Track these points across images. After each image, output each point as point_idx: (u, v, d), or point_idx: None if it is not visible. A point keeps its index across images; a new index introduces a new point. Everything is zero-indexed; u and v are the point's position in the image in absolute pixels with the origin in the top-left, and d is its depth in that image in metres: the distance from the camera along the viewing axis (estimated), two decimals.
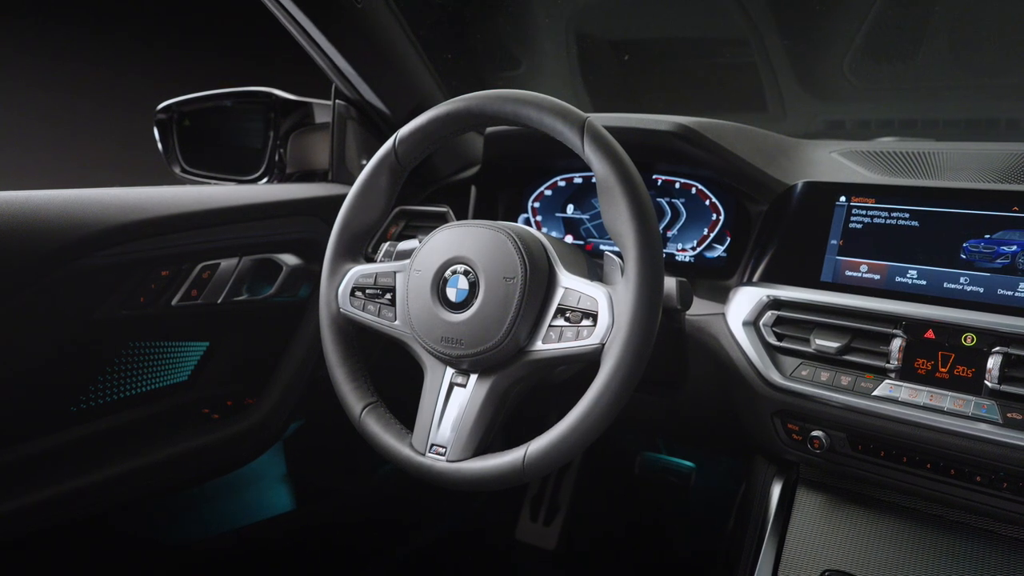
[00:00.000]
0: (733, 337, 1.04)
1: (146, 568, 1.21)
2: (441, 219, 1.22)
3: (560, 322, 0.86)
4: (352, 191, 1.02)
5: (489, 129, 1.31)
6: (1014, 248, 0.90)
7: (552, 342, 0.86)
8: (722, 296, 1.10)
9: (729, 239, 1.17)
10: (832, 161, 1.18)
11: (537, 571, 1.79)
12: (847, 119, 1.41)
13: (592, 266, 0.97)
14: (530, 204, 1.35)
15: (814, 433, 0.97)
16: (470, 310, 0.89)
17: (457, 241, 0.93)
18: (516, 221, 1.37)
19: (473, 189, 1.39)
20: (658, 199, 1.23)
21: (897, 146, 1.20)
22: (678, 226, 1.21)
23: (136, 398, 1.14)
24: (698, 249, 1.19)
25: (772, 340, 1.01)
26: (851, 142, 1.25)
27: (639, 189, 0.84)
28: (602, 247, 1.27)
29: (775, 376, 0.99)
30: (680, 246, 1.21)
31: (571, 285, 0.87)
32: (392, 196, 1.03)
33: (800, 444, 0.99)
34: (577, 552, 1.80)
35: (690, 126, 1.09)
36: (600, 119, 1.13)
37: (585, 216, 1.30)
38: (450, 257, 0.92)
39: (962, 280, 0.92)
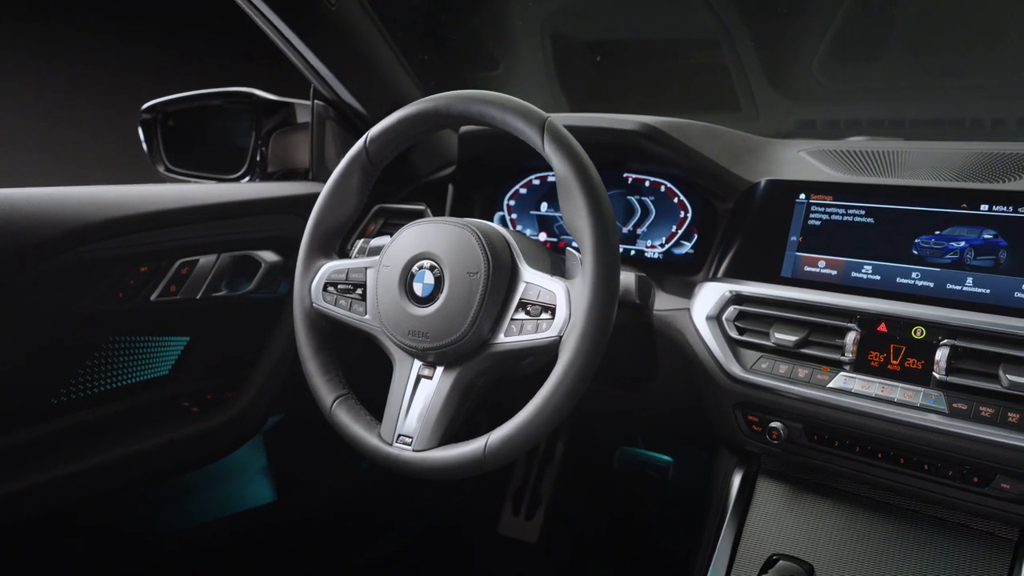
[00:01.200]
0: (697, 331, 1.07)
1: (126, 557, 1.24)
2: (419, 217, 1.25)
3: (521, 315, 0.89)
4: (325, 189, 1.05)
5: (462, 129, 1.34)
6: (962, 244, 0.92)
7: (513, 335, 0.89)
8: (689, 292, 1.12)
9: (696, 236, 1.20)
10: (798, 160, 1.21)
11: (519, 564, 1.82)
12: (818, 119, 1.43)
13: (556, 261, 1.00)
14: (506, 202, 1.38)
15: (772, 424, 1.00)
16: (435, 304, 0.92)
17: (424, 237, 0.96)
18: (492, 219, 1.39)
19: (450, 188, 1.42)
20: (628, 197, 1.26)
21: (864, 145, 1.23)
22: (648, 223, 1.24)
23: (117, 391, 1.16)
24: (667, 246, 1.22)
25: (734, 334, 1.04)
26: (821, 141, 1.28)
27: (597, 187, 0.86)
28: (574, 244, 1.30)
29: (736, 369, 1.02)
30: (649, 243, 1.24)
31: (532, 280, 0.90)
32: (364, 194, 1.05)
33: (760, 435, 1.02)
34: (558, 545, 1.82)
35: (655, 126, 1.12)
36: (565, 119, 1.17)
37: (559, 214, 1.32)
38: (417, 253, 0.95)
39: (914, 275, 0.95)
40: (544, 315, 0.87)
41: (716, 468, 1.13)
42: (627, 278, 0.96)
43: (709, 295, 1.07)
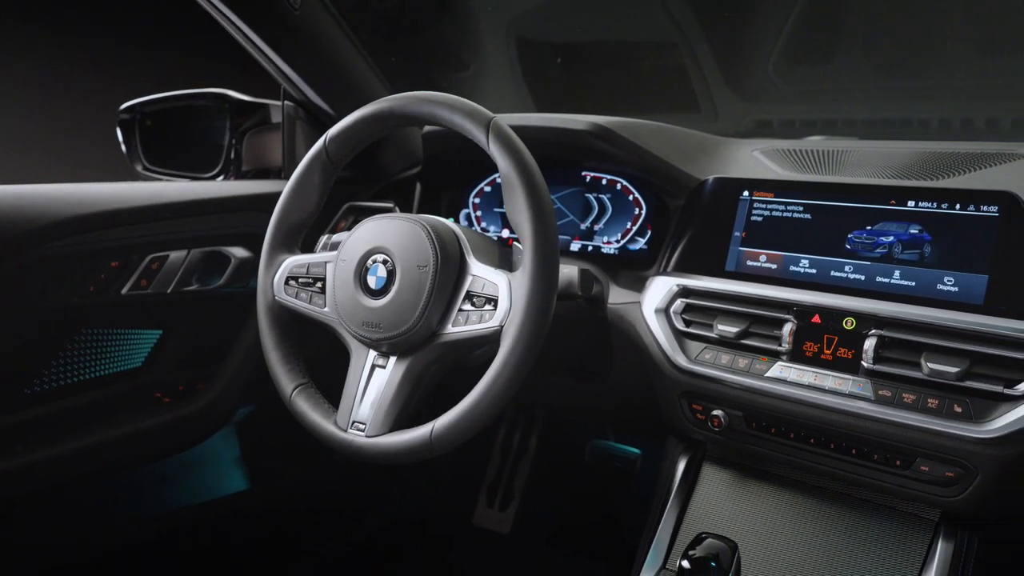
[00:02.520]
0: (647, 324, 1.11)
1: (98, 543, 1.28)
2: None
3: (468, 307, 0.93)
4: (287, 187, 1.09)
5: (425, 129, 1.38)
6: (891, 239, 0.96)
7: (460, 325, 0.93)
8: (642, 286, 1.16)
9: (650, 232, 1.24)
10: (751, 158, 1.25)
11: (492, 555, 1.86)
12: (774, 119, 1.48)
13: (504, 255, 1.04)
14: (471, 200, 1.42)
15: (714, 412, 1.04)
16: (388, 296, 0.96)
17: (378, 232, 1.00)
18: (458, 216, 1.43)
19: (418, 186, 1.46)
20: (586, 195, 1.30)
21: (819, 144, 1.27)
22: (604, 220, 1.28)
23: (90, 382, 1.20)
24: (622, 241, 1.26)
25: (680, 326, 1.08)
26: (779, 140, 1.32)
27: (537, 184, 0.90)
28: None
29: (681, 359, 1.06)
30: (606, 239, 1.28)
31: (479, 272, 0.94)
32: (325, 191, 1.10)
33: (703, 423, 1.06)
34: (530, 536, 1.87)
35: (605, 125, 1.16)
36: (516, 119, 1.21)
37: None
38: (371, 247, 0.99)
39: (846, 268, 0.99)
40: (487, 306, 0.91)
41: (665, 456, 1.17)
42: (571, 271, 1.00)
43: (658, 289, 1.11)
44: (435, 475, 1.95)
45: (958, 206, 0.92)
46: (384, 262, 0.98)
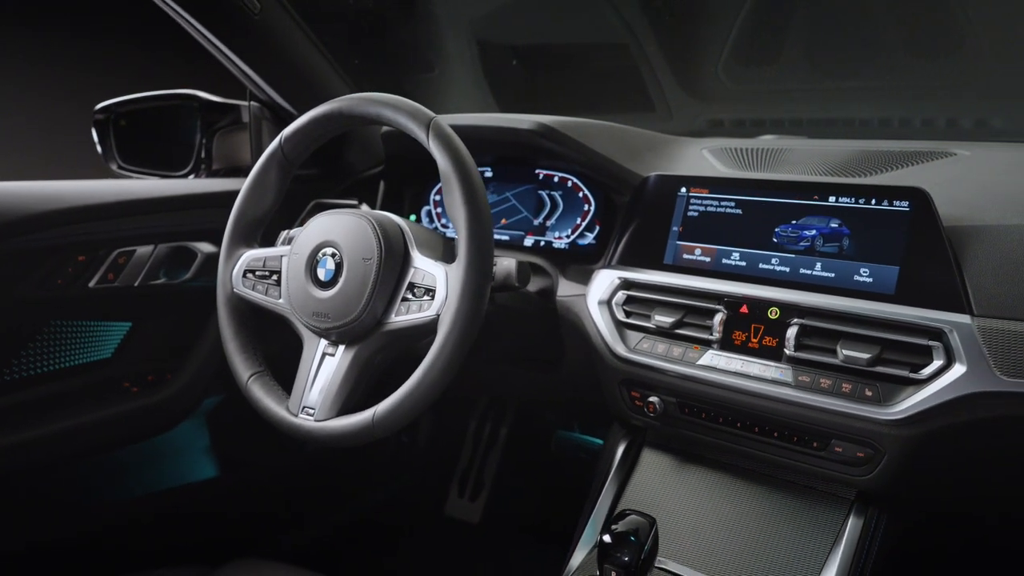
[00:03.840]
0: (590, 315, 1.16)
1: (68, 525, 1.33)
2: None
3: (410, 297, 0.98)
4: (245, 184, 1.14)
5: (383, 129, 1.43)
6: (813, 232, 1.01)
7: (402, 315, 0.98)
8: (589, 279, 1.21)
9: (598, 227, 1.29)
10: (698, 157, 1.30)
11: (462, 544, 1.91)
12: (725, 119, 1.52)
13: (448, 248, 1.09)
14: (431, 197, 1.47)
15: (650, 399, 1.09)
16: (336, 288, 1.01)
17: (328, 227, 1.05)
18: (420, 213, 1.48)
19: (381, 184, 1.51)
20: (539, 192, 1.35)
21: (768, 143, 1.33)
22: (556, 216, 1.33)
23: (60, 372, 1.25)
24: (572, 237, 1.31)
25: (621, 317, 1.13)
26: (731, 139, 1.37)
27: (473, 181, 0.95)
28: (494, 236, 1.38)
29: (620, 349, 1.11)
30: (557, 234, 1.33)
31: (420, 265, 0.99)
32: (282, 188, 1.14)
33: (640, 409, 1.11)
34: (499, 525, 1.92)
35: (550, 125, 1.20)
36: (467, 119, 1.26)
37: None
38: (321, 241, 1.04)
39: (773, 261, 1.04)
40: (426, 296, 0.96)
41: (608, 441, 1.22)
42: (509, 263, 1.05)
43: (602, 281, 1.16)
44: (407, 466, 2.00)
45: (873, 201, 0.97)
46: (333, 255, 1.02)
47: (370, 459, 1.92)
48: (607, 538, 0.85)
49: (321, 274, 1.03)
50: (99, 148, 1.64)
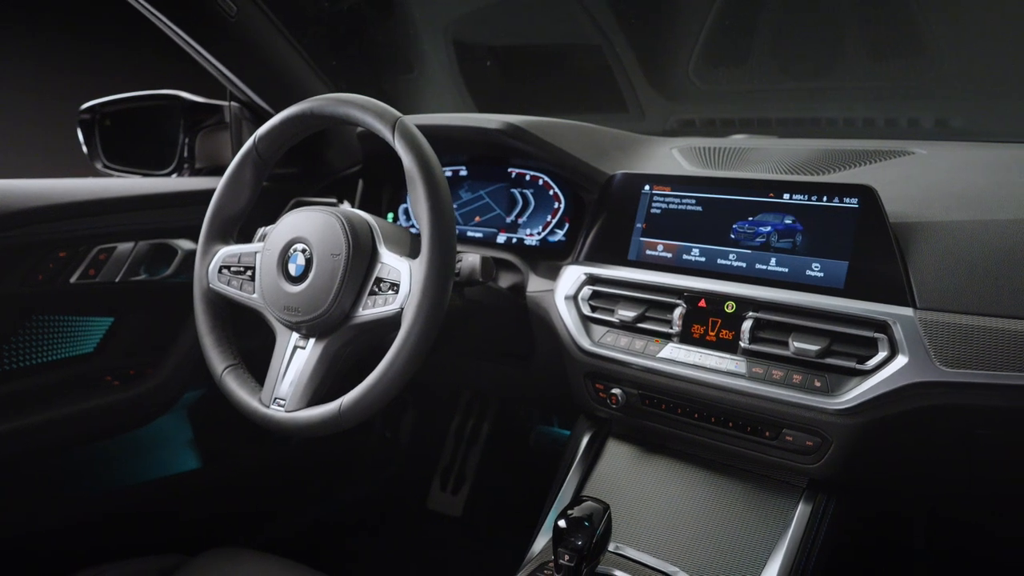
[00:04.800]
0: (558, 309, 1.19)
1: (42, 516, 1.35)
2: None
3: (376, 291, 1.01)
4: (221, 183, 1.17)
5: (359, 128, 1.45)
6: (768, 229, 1.04)
7: (369, 308, 1.01)
8: (557, 275, 1.24)
9: (568, 224, 1.32)
10: (666, 156, 1.33)
11: (443, 537, 1.94)
12: (696, 118, 1.56)
13: (415, 244, 1.12)
14: (408, 195, 1.50)
15: (613, 391, 1.12)
16: (306, 282, 1.04)
17: (299, 223, 1.08)
18: (397, 211, 1.51)
19: (360, 183, 1.54)
20: (512, 190, 1.38)
21: (736, 143, 1.36)
22: (527, 213, 1.36)
23: (42, 366, 1.28)
24: (543, 233, 1.34)
25: (587, 311, 1.16)
26: (702, 139, 1.41)
27: (436, 179, 0.98)
28: (467, 233, 1.42)
29: (585, 342, 1.14)
30: (528, 231, 1.36)
31: (387, 260, 1.02)
32: (257, 186, 1.17)
33: (604, 401, 1.14)
34: (480, 519, 1.95)
35: (518, 124, 1.24)
36: (437, 119, 1.29)
37: (453, 205, 1.44)
38: (292, 237, 1.07)
39: (731, 256, 1.07)
40: (391, 291, 0.99)
41: (574, 432, 1.25)
42: (473, 259, 1.08)
43: (569, 277, 1.19)
44: (389, 461, 2.03)
45: (825, 199, 1.00)
46: (303, 251, 1.06)
47: (352, 454, 1.95)
48: (562, 523, 0.88)
49: (292, 269, 1.06)
50: (84, 148, 1.67)
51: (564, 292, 1.19)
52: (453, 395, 2.09)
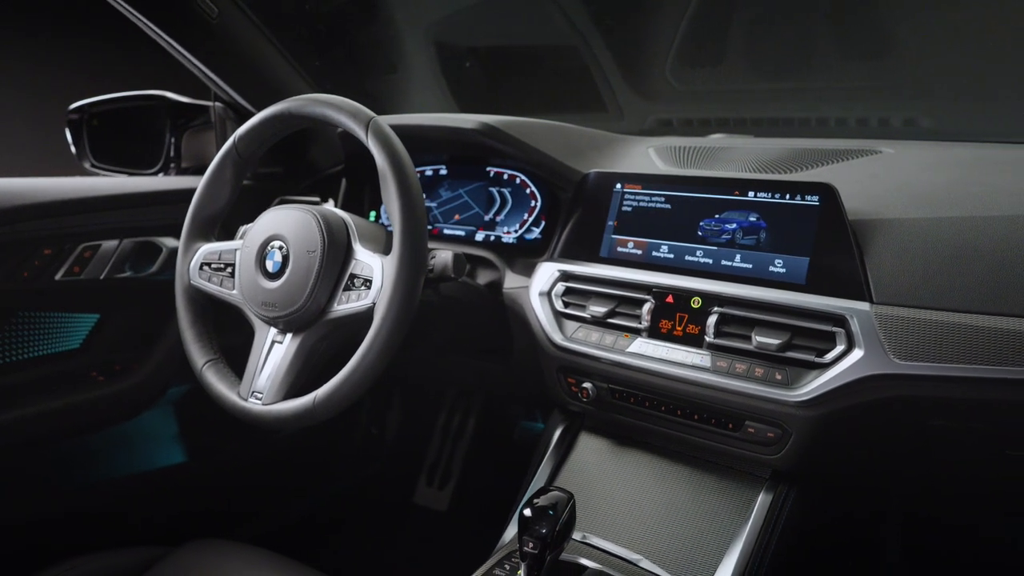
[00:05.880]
0: (532, 305, 1.21)
1: (22, 509, 1.37)
2: None
3: (350, 287, 1.04)
4: (201, 182, 1.19)
5: (339, 128, 1.48)
6: (734, 226, 1.07)
7: (343, 304, 1.04)
8: (533, 271, 1.26)
9: (544, 222, 1.35)
10: (642, 155, 1.36)
11: (430, 531, 1.96)
12: (674, 118, 1.58)
13: (390, 241, 1.14)
14: None
15: (584, 384, 1.15)
16: (282, 279, 1.07)
17: (277, 221, 1.11)
18: (379, 209, 1.54)
19: (343, 181, 1.56)
20: (490, 188, 1.41)
21: (713, 142, 1.39)
22: (505, 212, 1.39)
23: (27, 361, 1.31)
24: (519, 231, 1.37)
25: (560, 307, 1.18)
26: (681, 138, 1.43)
27: (408, 177, 1.01)
28: (446, 231, 1.44)
29: (558, 337, 1.16)
30: (506, 229, 1.38)
31: (360, 256, 1.05)
32: (237, 185, 1.20)
33: (576, 395, 1.17)
34: (466, 513, 1.97)
35: (492, 124, 1.26)
36: (413, 119, 1.31)
37: (433, 204, 1.47)
38: (270, 235, 1.10)
39: (698, 253, 1.09)
40: (364, 287, 1.02)
41: (547, 426, 1.28)
42: (446, 256, 1.10)
43: (543, 274, 1.22)
44: (376, 457, 2.05)
45: (787, 196, 1.02)
46: (280, 248, 1.08)
47: (338, 450, 1.98)
48: (527, 512, 0.90)
49: (269, 266, 1.09)
50: (73, 148, 1.69)
51: (539, 288, 1.21)
52: (439, 392, 2.11)
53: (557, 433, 1.22)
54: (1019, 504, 1.25)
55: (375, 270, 1.01)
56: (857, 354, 0.91)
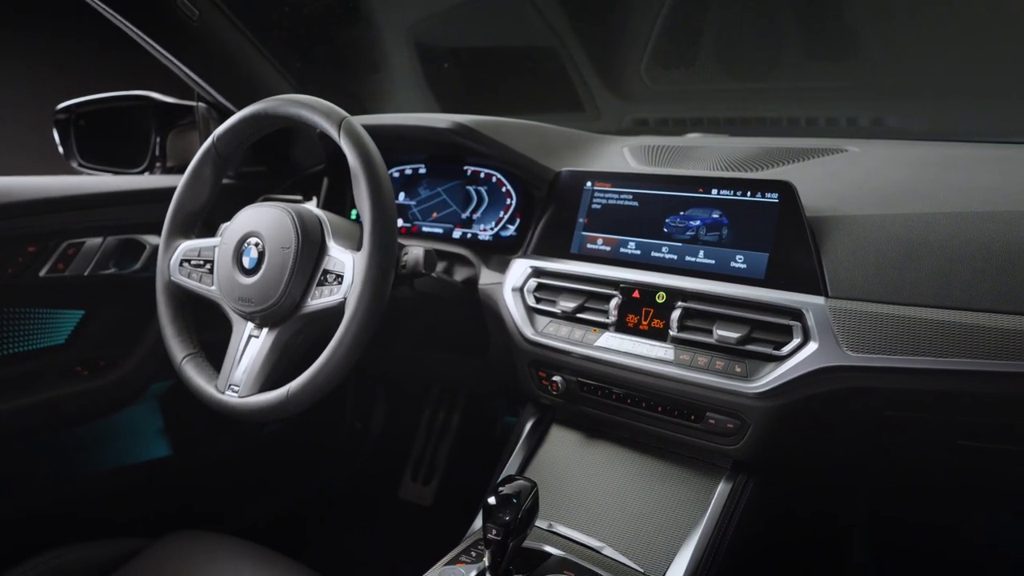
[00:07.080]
0: (505, 301, 1.24)
1: (11, 500, 1.40)
2: None
3: (324, 282, 1.07)
4: (182, 180, 1.22)
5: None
6: (697, 222, 1.10)
7: (317, 299, 1.07)
8: (507, 268, 1.29)
9: (519, 220, 1.37)
10: (616, 154, 1.39)
11: (414, 525, 1.99)
12: (650, 118, 1.61)
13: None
14: None
15: (554, 378, 1.17)
16: (258, 275, 1.09)
17: (254, 219, 1.14)
18: None
19: (325, 180, 1.59)
20: (467, 187, 1.43)
21: (688, 141, 1.41)
22: (481, 210, 1.41)
23: (12, 357, 1.33)
24: (495, 229, 1.39)
25: (532, 303, 1.21)
26: (657, 138, 1.46)
27: (379, 176, 1.04)
28: (424, 228, 1.47)
29: (529, 332, 1.19)
30: (482, 227, 1.41)
31: (333, 253, 1.08)
32: (217, 183, 1.23)
33: (546, 388, 1.19)
34: (450, 508, 2.00)
35: (466, 124, 1.29)
36: (388, 119, 1.34)
37: (412, 202, 1.50)
38: (247, 232, 1.13)
39: (663, 249, 1.12)
40: (336, 282, 1.05)
41: (520, 418, 1.30)
42: (417, 252, 1.13)
43: (516, 270, 1.25)
44: (360, 452, 2.08)
45: (748, 194, 1.05)
46: (256, 244, 1.11)
47: (323, 445, 2.00)
48: (492, 500, 0.93)
49: (246, 262, 1.11)
50: (60, 147, 1.72)
51: (512, 284, 1.24)
52: (424, 389, 2.14)
53: (528, 425, 1.24)
54: (981, 499, 1.28)
55: (347, 266, 1.04)
56: (812, 347, 0.94)
